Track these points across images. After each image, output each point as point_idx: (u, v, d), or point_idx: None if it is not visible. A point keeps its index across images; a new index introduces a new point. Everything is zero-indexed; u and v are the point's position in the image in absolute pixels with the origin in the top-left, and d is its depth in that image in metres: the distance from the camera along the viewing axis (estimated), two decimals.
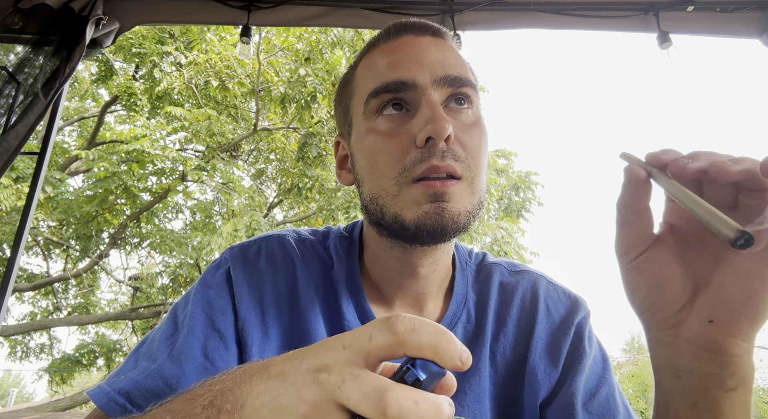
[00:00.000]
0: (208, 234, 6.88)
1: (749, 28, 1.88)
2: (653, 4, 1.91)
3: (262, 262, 0.66)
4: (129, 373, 0.57)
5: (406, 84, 0.57)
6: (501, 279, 0.73)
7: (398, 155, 0.56)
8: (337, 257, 0.69)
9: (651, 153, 0.42)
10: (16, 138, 1.73)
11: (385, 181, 0.57)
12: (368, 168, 0.59)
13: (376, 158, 0.58)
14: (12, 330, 7.84)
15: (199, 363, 0.57)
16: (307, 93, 6.37)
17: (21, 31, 1.87)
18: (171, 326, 0.62)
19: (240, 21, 2.04)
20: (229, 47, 6.87)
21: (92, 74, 8.72)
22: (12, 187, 5.81)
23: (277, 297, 0.64)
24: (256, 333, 0.61)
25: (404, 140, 0.56)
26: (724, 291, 0.41)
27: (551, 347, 0.67)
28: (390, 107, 0.58)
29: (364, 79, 0.62)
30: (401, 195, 0.56)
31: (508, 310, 0.69)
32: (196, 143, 7.42)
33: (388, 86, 0.57)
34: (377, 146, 0.58)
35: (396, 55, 0.59)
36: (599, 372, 0.68)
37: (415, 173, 0.55)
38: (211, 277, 0.65)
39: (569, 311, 0.70)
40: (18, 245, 1.85)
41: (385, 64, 0.59)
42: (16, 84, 1.80)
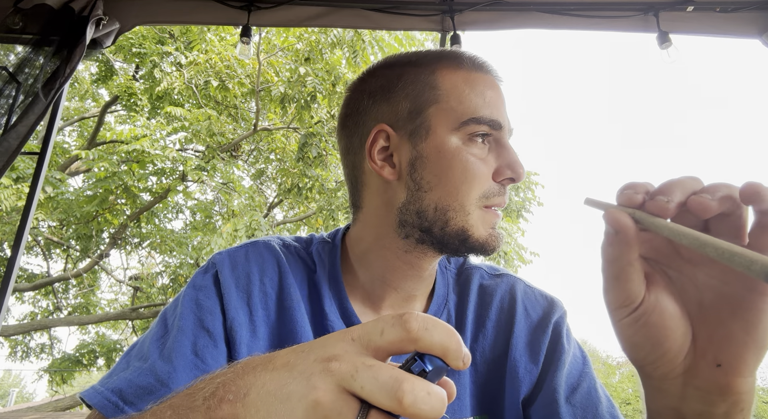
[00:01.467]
0: (209, 234, 6.88)
1: (749, 28, 1.88)
2: (653, 4, 1.91)
3: (249, 265, 0.68)
4: (121, 373, 0.59)
5: (499, 125, 0.65)
6: (481, 282, 0.77)
7: (483, 181, 0.64)
8: (319, 261, 0.73)
9: (623, 194, 0.39)
10: (16, 138, 1.74)
11: (464, 198, 0.63)
12: (448, 181, 0.64)
13: (463, 177, 0.63)
14: (12, 329, 7.84)
15: (190, 360, 0.59)
16: (307, 93, 6.38)
17: (21, 31, 1.87)
18: (161, 328, 0.64)
19: (240, 21, 2.04)
20: (229, 47, 6.88)
21: (92, 74, 8.72)
22: (12, 187, 5.82)
23: (265, 298, 0.67)
24: (244, 332, 0.63)
25: (487, 171, 0.64)
26: (724, 330, 0.39)
27: (531, 345, 0.71)
28: (480, 136, 0.65)
29: (461, 98, 0.65)
30: (474, 214, 0.63)
31: (488, 311, 0.73)
32: (196, 143, 7.42)
33: (490, 122, 0.64)
34: (469, 167, 0.63)
35: (490, 93, 0.66)
36: (579, 367, 0.71)
37: (491, 202, 0.64)
38: (200, 280, 0.67)
39: (546, 311, 0.74)
40: (18, 245, 1.85)
41: (484, 98, 0.65)
42: (16, 84, 1.80)
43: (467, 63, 0.67)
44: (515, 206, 8.82)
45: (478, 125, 0.64)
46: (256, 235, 6.13)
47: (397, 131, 0.66)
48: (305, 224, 8.58)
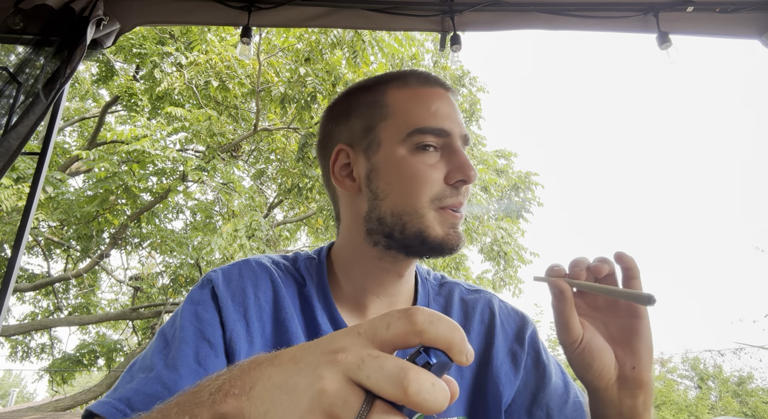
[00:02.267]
0: (209, 234, 6.88)
1: (749, 29, 1.88)
2: (653, 4, 1.91)
3: (243, 281, 0.72)
4: (127, 385, 0.60)
5: (446, 133, 0.70)
6: (461, 296, 0.85)
7: (435, 185, 0.69)
8: (308, 275, 0.78)
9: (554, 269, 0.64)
10: (17, 138, 1.74)
11: (417, 202, 0.68)
12: (399, 188, 0.70)
13: (412, 183, 0.69)
14: (13, 330, 7.84)
15: (193, 368, 0.61)
16: (307, 93, 6.38)
17: (22, 31, 1.87)
18: (161, 342, 0.66)
19: (240, 22, 2.04)
20: (230, 48, 6.88)
21: (93, 75, 8.73)
22: (13, 187, 5.82)
23: (260, 311, 0.70)
24: (242, 343, 0.66)
25: (437, 175, 0.69)
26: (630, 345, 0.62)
27: (511, 354, 0.79)
28: (428, 145, 0.70)
29: (404, 111, 0.72)
30: (428, 216, 0.68)
31: (471, 323, 0.81)
32: (197, 143, 7.42)
33: (435, 131, 0.70)
34: (417, 173, 0.69)
35: (435, 104, 0.72)
36: (562, 378, 0.80)
37: (444, 204, 0.69)
38: (197, 295, 0.70)
39: (519, 325, 0.83)
40: (19, 246, 1.86)
41: (429, 109, 0.71)
42: (17, 85, 1.81)
43: (413, 80, 0.74)
44: (515, 206, 8.82)
45: (423, 135, 0.69)
46: (256, 235, 6.14)
47: (354, 148, 0.74)
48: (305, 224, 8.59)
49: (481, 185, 7.76)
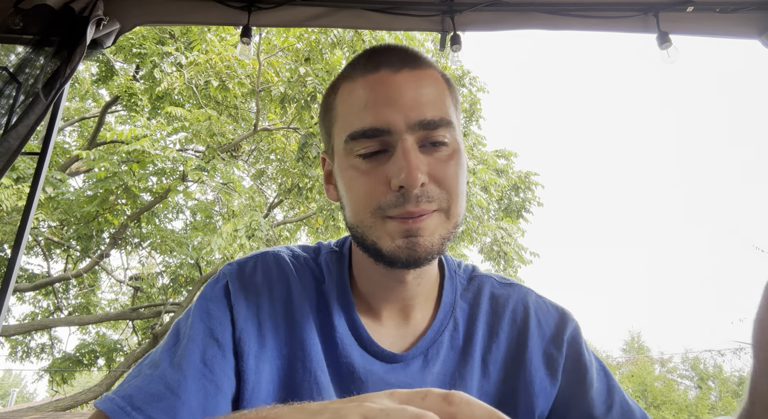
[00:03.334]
0: (209, 234, 6.88)
1: (749, 29, 1.88)
2: (653, 4, 1.91)
3: (258, 277, 0.69)
4: (132, 381, 0.60)
5: (381, 131, 0.59)
6: (492, 291, 0.76)
7: (374, 195, 0.60)
8: (327, 272, 0.72)
9: None
10: (16, 138, 1.74)
11: (363, 214, 0.61)
12: (347, 198, 0.64)
13: (354, 192, 0.62)
14: (13, 330, 7.84)
15: (198, 369, 0.60)
16: (306, 93, 6.38)
17: (22, 31, 1.87)
18: (173, 338, 0.65)
19: (240, 21, 2.04)
20: (230, 47, 6.88)
21: (93, 75, 8.73)
22: (13, 187, 5.82)
23: (273, 311, 0.67)
24: (252, 343, 0.64)
25: (380, 181, 0.60)
26: None
27: (547, 359, 0.70)
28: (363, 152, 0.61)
29: (343, 113, 0.64)
30: (376, 227, 0.60)
31: (500, 322, 0.72)
32: (197, 143, 7.42)
33: (365, 132, 0.60)
34: (356, 182, 0.61)
35: (373, 94, 0.61)
36: (605, 381, 0.71)
37: (389, 213, 0.59)
38: (210, 291, 0.68)
39: (558, 324, 0.74)
40: (19, 246, 1.86)
41: (363, 104, 0.61)
42: (16, 84, 1.80)
43: (358, 70, 0.64)
44: (515, 206, 8.82)
45: (355, 142, 0.61)
46: (256, 235, 6.13)
47: (329, 156, 0.69)
48: (305, 224, 8.59)
49: (481, 185, 7.76)
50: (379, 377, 0.65)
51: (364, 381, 0.65)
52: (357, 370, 0.65)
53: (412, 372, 0.66)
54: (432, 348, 0.68)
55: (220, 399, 0.59)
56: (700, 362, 17.36)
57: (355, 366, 0.65)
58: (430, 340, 0.69)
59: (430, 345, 0.69)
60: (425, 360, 0.68)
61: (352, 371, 0.65)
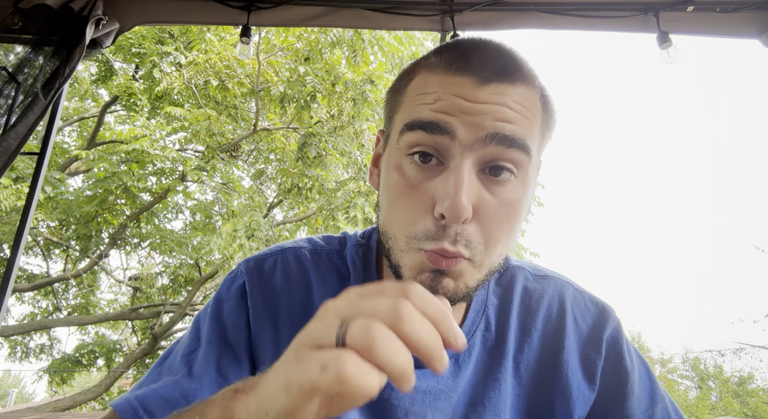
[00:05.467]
0: (208, 234, 6.87)
1: (749, 29, 1.88)
2: (653, 4, 1.91)
3: (277, 277, 0.65)
4: (151, 385, 0.60)
5: (443, 130, 0.50)
6: (525, 284, 0.69)
7: (414, 217, 0.51)
8: (353, 267, 0.66)
9: None
10: (16, 138, 1.73)
11: (398, 232, 0.53)
12: (387, 206, 0.55)
13: (394, 205, 0.54)
14: (12, 330, 7.84)
15: (214, 378, 0.59)
16: (306, 93, 6.37)
17: (21, 31, 1.87)
18: (193, 340, 0.64)
19: (240, 21, 2.04)
20: (229, 47, 6.87)
21: (92, 74, 8.72)
22: (12, 187, 5.81)
23: (291, 314, 0.63)
24: (268, 349, 0.62)
25: (423, 201, 0.51)
26: None
27: (584, 362, 0.64)
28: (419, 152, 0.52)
29: (409, 100, 0.55)
30: (405, 253, 0.53)
31: (533, 319, 0.66)
32: (196, 143, 7.41)
33: (424, 124, 0.50)
34: (400, 193, 0.53)
35: (447, 97, 0.51)
36: (648, 388, 0.65)
37: (425, 247, 0.51)
38: (226, 291, 0.65)
39: (597, 322, 0.67)
40: (18, 246, 1.85)
41: (432, 101, 0.52)
42: (16, 84, 1.80)
43: (443, 63, 0.54)
44: None
45: (410, 133, 0.51)
46: (255, 235, 6.13)
47: (383, 137, 0.61)
48: (305, 225, 8.58)
49: None
50: None
51: (393, 387, 0.60)
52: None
53: (443, 378, 0.61)
54: (463, 351, 0.63)
55: None
56: (701, 362, 17.37)
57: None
58: None
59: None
60: (456, 363, 0.63)
61: None
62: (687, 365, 17.71)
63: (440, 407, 0.61)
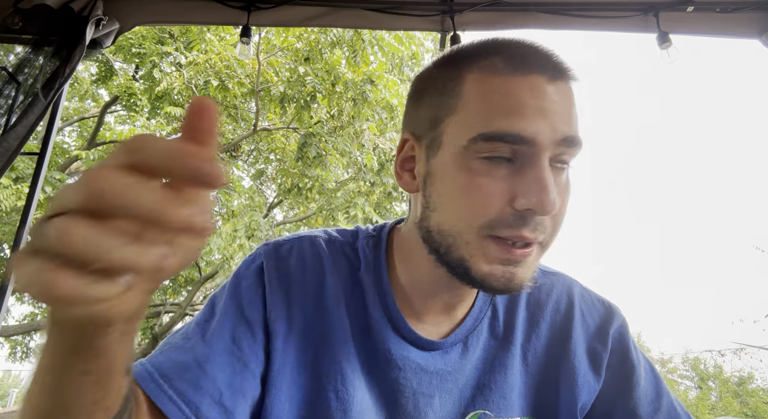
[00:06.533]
0: None
1: (749, 29, 1.88)
2: (653, 4, 1.91)
3: (293, 260, 0.68)
4: (165, 350, 0.61)
5: (525, 140, 0.52)
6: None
7: (488, 208, 0.53)
8: (364, 257, 0.70)
9: None
10: (16, 138, 1.73)
11: (464, 225, 0.54)
12: (449, 203, 0.56)
13: (464, 200, 0.54)
14: (12, 330, 7.84)
15: (228, 346, 0.61)
16: (306, 93, 6.37)
17: (21, 31, 1.87)
18: (208, 312, 0.65)
19: (240, 21, 2.04)
20: (229, 47, 6.87)
21: (92, 75, 8.72)
22: (12, 187, 5.81)
23: (304, 294, 0.66)
24: (281, 325, 0.63)
25: (501, 195, 0.53)
26: None
27: (591, 353, 0.68)
28: (496, 156, 0.53)
29: (477, 108, 0.55)
30: (474, 245, 0.54)
31: (542, 311, 0.70)
32: None
33: (504, 137, 0.52)
34: (472, 190, 0.54)
35: (521, 99, 0.53)
36: (653, 382, 0.68)
37: (498, 233, 0.53)
38: (245, 269, 0.68)
39: (603, 319, 0.70)
40: (18, 246, 1.85)
41: (507, 106, 0.53)
42: (16, 84, 1.80)
43: (503, 63, 0.55)
44: None
45: (490, 144, 0.53)
46: (255, 235, 6.13)
47: (419, 142, 0.61)
48: (305, 225, 8.58)
49: None
50: (417, 364, 0.64)
51: (402, 368, 0.63)
52: (393, 357, 0.64)
53: (451, 360, 0.65)
54: (472, 335, 0.67)
55: (246, 377, 0.60)
56: (701, 362, 17.38)
57: (392, 353, 0.64)
58: (469, 327, 0.67)
59: (470, 331, 0.67)
60: (465, 347, 0.66)
61: (388, 357, 0.64)
62: (687, 365, 17.72)
63: (447, 388, 0.64)
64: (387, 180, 6.82)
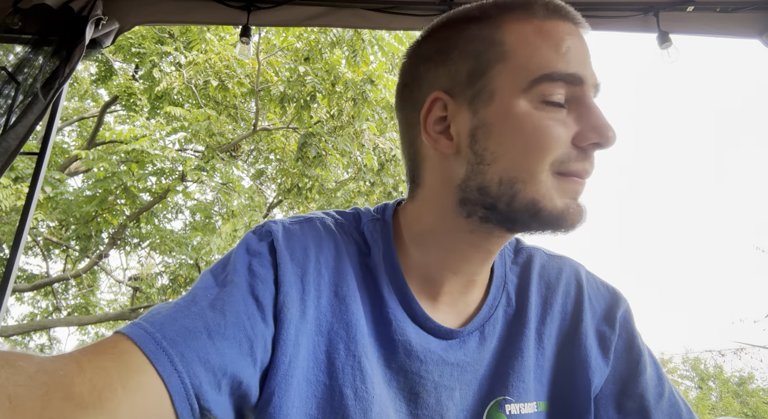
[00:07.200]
0: (208, 234, 6.87)
1: (749, 29, 1.88)
2: (653, 4, 1.91)
3: (306, 240, 0.63)
4: (163, 311, 0.52)
5: (579, 79, 0.56)
6: (542, 263, 0.72)
7: (558, 147, 0.55)
8: (373, 242, 0.66)
9: None
10: (15, 138, 1.73)
11: (534, 165, 0.55)
12: (516, 150, 0.55)
13: (535, 143, 0.55)
14: (12, 330, 7.83)
15: (241, 320, 0.54)
16: (306, 93, 6.37)
17: (21, 31, 1.87)
18: (208, 280, 0.58)
19: (240, 21, 2.04)
20: (229, 47, 6.87)
21: (92, 74, 8.72)
22: (11, 187, 5.81)
23: (318, 277, 0.61)
24: (295, 310, 0.57)
25: (564, 134, 0.55)
26: None
27: (599, 336, 0.68)
28: (557, 96, 0.55)
29: (530, 53, 0.56)
30: (546, 183, 0.55)
31: (554, 294, 0.70)
32: (196, 143, 7.41)
33: (567, 77, 0.55)
34: (542, 131, 0.55)
35: (566, 43, 0.56)
36: (656, 369, 0.69)
37: (566, 168, 0.56)
38: (255, 245, 0.61)
39: (609, 303, 0.71)
40: (18, 246, 1.85)
41: (559, 50, 0.55)
42: (15, 84, 1.80)
43: (540, 10, 0.58)
44: None
45: (552, 83, 0.55)
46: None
47: (455, 98, 0.59)
48: None
49: None
50: (438, 355, 0.62)
51: (423, 360, 0.61)
52: (414, 348, 0.61)
53: (470, 349, 0.63)
54: (488, 324, 0.66)
55: (248, 363, 0.53)
56: (701, 362, 17.38)
57: (412, 344, 0.61)
58: (485, 315, 0.66)
59: (486, 320, 0.66)
60: (482, 335, 0.65)
61: (409, 349, 0.61)
62: (687, 365, 17.71)
63: (467, 380, 0.63)
64: (387, 180, 6.82)
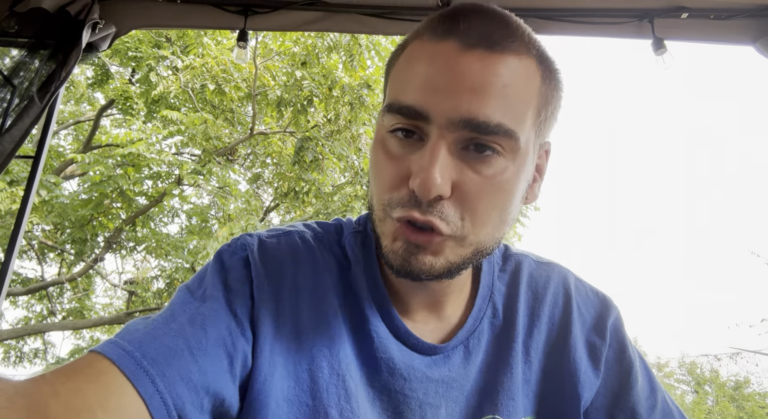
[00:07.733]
0: (204, 238, 6.85)
1: (743, 36, 1.89)
2: (648, 10, 1.92)
3: (282, 255, 0.61)
4: (141, 329, 0.50)
5: (420, 115, 0.49)
6: (530, 271, 0.69)
7: (391, 186, 0.51)
8: (354, 257, 0.63)
9: None
10: (11, 142, 1.73)
11: (376, 203, 0.53)
12: (370, 179, 0.55)
13: (375, 177, 0.54)
14: (6, 334, 7.78)
15: (222, 336, 0.52)
16: (303, 97, 6.38)
17: (17, 34, 1.87)
18: (185, 295, 0.56)
19: (237, 26, 2.04)
20: (226, 51, 6.87)
21: (88, 78, 8.70)
22: (7, 190, 5.78)
23: (296, 293, 0.59)
24: (268, 327, 0.55)
25: (401, 172, 0.50)
26: None
27: (589, 348, 0.65)
28: (400, 130, 0.51)
29: (395, 79, 0.54)
30: (384, 222, 0.53)
31: (541, 304, 0.66)
32: (192, 146, 7.40)
33: (401, 109, 0.50)
34: (379, 166, 0.53)
35: (427, 69, 0.49)
36: (647, 377, 0.67)
37: (392, 213, 0.51)
38: (229, 259, 0.59)
39: (600, 311, 0.68)
40: (12, 249, 1.84)
41: (414, 77, 0.50)
42: (11, 88, 1.80)
43: (429, 31, 0.52)
44: None
45: (391, 115, 0.51)
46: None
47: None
48: None
49: None
50: (422, 372, 0.59)
51: (407, 378, 0.58)
52: (397, 366, 0.58)
53: (454, 365, 0.60)
54: (472, 337, 0.62)
55: (228, 379, 0.51)
56: (697, 366, 17.39)
57: (395, 362, 0.58)
58: (469, 328, 0.63)
59: (470, 333, 0.62)
60: (467, 350, 0.62)
61: (392, 367, 0.58)
62: (683, 369, 17.73)
63: (453, 397, 0.60)
64: None
